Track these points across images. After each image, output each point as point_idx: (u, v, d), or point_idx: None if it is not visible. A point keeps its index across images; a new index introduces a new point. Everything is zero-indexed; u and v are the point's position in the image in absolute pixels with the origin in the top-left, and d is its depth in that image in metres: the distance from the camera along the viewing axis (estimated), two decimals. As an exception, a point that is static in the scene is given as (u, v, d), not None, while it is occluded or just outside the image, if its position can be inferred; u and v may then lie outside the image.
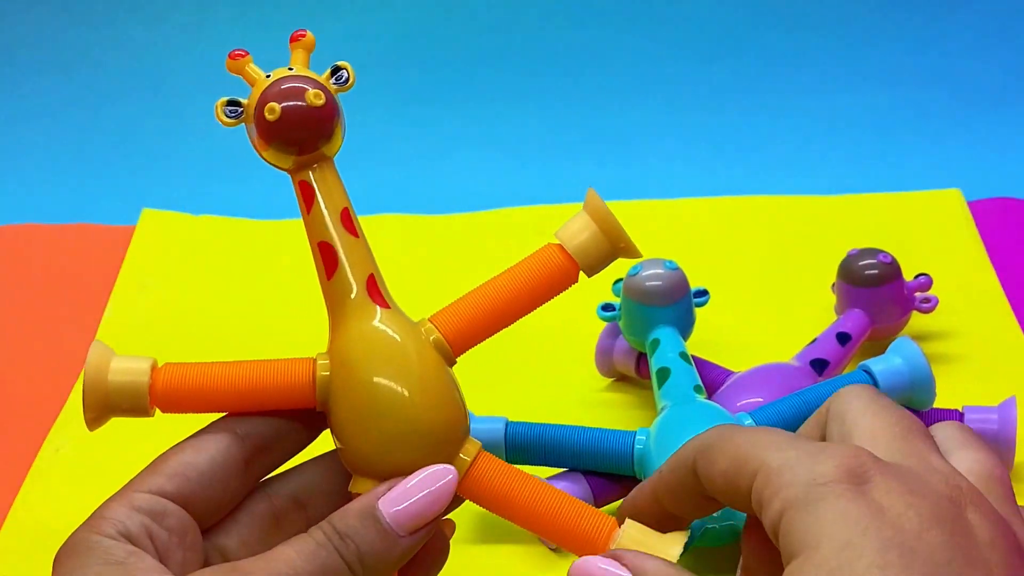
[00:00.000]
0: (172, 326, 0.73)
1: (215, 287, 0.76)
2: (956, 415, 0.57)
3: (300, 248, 0.77)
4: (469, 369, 0.67)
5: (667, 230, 0.78)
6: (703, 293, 0.61)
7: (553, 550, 0.55)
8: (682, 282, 0.60)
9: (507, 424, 0.56)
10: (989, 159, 0.85)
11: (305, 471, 0.43)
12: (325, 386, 0.41)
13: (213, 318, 0.73)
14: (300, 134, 0.41)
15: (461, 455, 0.41)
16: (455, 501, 0.42)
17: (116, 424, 0.43)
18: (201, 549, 0.39)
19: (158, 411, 0.42)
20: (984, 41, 0.93)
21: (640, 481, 0.54)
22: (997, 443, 0.56)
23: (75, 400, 0.66)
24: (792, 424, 0.53)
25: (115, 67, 0.97)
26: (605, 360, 0.64)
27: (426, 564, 0.42)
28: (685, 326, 0.60)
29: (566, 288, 0.43)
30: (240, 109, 0.41)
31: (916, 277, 0.64)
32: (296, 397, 0.41)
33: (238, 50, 0.42)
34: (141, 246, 0.79)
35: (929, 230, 0.75)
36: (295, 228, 0.80)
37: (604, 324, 0.64)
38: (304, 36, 0.43)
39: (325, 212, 0.42)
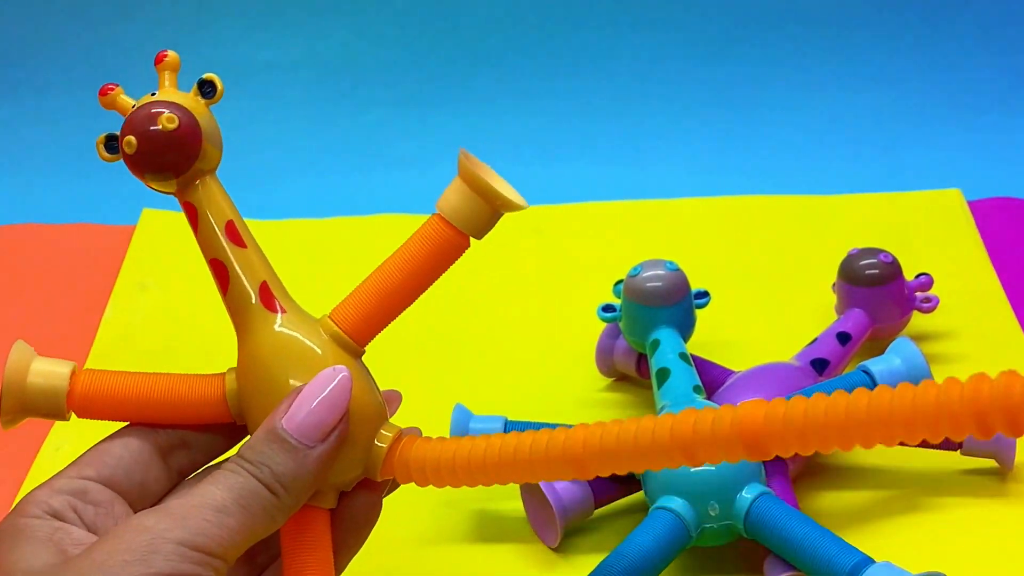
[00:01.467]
0: (172, 326, 0.73)
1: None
2: None
3: (298, 248, 0.77)
4: (471, 370, 0.67)
5: (668, 230, 0.78)
6: (704, 294, 0.61)
7: (553, 549, 0.55)
8: (682, 283, 0.60)
9: (505, 423, 0.56)
10: (989, 159, 0.85)
11: None
12: (236, 397, 0.42)
13: (213, 318, 0.73)
14: (162, 161, 0.41)
15: (376, 442, 0.41)
16: (392, 485, 0.43)
17: (115, 424, 0.43)
18: (128, 517, 0.40)
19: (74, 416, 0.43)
20: (984, 42, 0.93)
21: (638, 480, 0.54)
22: (997, 443, 0.56)
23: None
24: None
25: (115, 67, 0.96)
26: (605, 360, 0.64)
27: (357, 523, 0.43)
28: (685, 327, 0.60)
29: (459, 256, 0.43)
30: (120, 147, 0.42)
31: (917, 277, 0.64)
32: (211, 411, 0.42)
33: (108, 85, 0.42)
34: (141, 246, 0.79)
35: (929, 230, 0.75)
36: (294, 228, 0.80)
37: (604, 324, 0.64)
38: (167, 56, 0.43)
39: (212, 228, 0.42)
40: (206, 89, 0.42)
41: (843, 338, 0.62)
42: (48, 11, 0.97)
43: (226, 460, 0.39)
